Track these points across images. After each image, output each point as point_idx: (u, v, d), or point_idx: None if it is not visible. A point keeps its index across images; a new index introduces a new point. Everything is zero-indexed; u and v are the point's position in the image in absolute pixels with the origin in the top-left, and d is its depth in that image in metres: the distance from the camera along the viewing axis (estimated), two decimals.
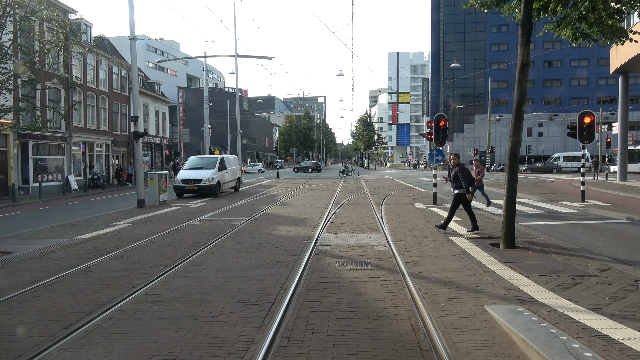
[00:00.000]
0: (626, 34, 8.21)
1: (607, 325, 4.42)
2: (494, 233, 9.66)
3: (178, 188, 19.86)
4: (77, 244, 9.20)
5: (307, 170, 57.37)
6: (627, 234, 10.30)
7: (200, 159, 22.43)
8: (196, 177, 19.62)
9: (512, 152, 8.10)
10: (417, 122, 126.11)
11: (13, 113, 13.49)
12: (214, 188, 19.70)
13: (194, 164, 21.36)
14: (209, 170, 20.27)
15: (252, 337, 4.32)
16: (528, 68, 7.99)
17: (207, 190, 19.54)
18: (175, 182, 20.39)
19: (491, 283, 5.99)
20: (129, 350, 4.08)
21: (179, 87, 74.18)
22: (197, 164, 21.32)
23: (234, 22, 35.30)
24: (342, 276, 6.46)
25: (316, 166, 60.83)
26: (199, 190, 19.54)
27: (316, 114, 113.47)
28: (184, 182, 19.74)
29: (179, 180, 20.05)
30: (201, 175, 19.77)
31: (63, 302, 5.47)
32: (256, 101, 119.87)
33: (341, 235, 9.76)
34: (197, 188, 19.46)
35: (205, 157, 22.81)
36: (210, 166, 20.70)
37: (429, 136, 16.27)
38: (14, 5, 11.62)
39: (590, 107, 35.89)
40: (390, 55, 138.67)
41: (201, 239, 9.57)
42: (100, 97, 33.79)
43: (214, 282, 6.22)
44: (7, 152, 24.12)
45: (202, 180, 19.51)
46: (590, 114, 15.54)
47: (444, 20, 75.22)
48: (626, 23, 20.12)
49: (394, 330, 4.48)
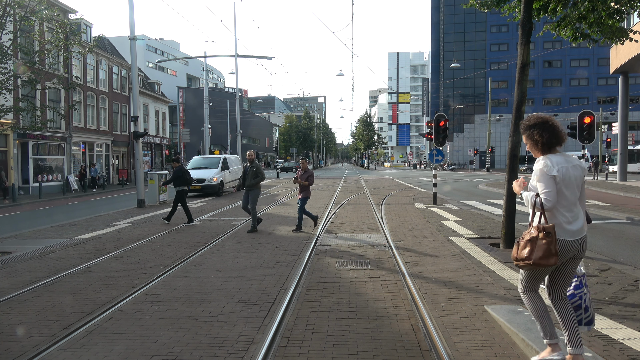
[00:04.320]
0: (626, 33, 8.20)
1: (607, 325, 4.42)
2: (494, 233, 9.66)
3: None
4: (77, 244, 9.20)
5: (290, 170, 56.44)
6: (627, 234, 10.30)
7: (203, 159, 22.78)
8: (199, 176, 19.80)
9: (512, 152, 8.10)
10: (417, 122, 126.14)
11: (13, 113, 13.49)
12: (217, 187, 20.07)
13: (197, 164, 21.67)
14: (212, 170, 20.68)
15: (252, 337, 4.32)
16: (528, 68, 7.99)
17: (210, 189, 19.87)
18: None
19: (491, 283, 5.99)
20: (129, 350, 4.08)
21: (179, 87, 74.20)
22: (200, 163, 21.68)
23: (234, 22, 35.30)
24: (342, 276, 6.46)
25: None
26: (202, 190, 19.78)
27: (316, 114, 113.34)
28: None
29: None
30: (204, 175, 20.06)
31: (63, 302, 5.47)
32: (256, 101, 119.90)
33: (341, 235, 9.76)
34: (200, 187, 19.70)
35: (208, 157, 23.19)
36: (213, 166, 21.12)
37: (429, 136, 16.28)
38: (14, 5, 11.62)
39: (590, 107, 35.94)
40: (390, 55, 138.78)
41: (201, 239, 9.57)
42: (100, 97, 33.79)
43: (214, 282, 6.22)
44: (7, 152, 24.13)
45: (205, 179, 19.81)
46: (590, 114, 15.50)
47: (444, 20, 75.23)
48: (626, 23, 20.11)
49: (394, 330, 4.48)
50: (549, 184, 3.29)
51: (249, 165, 10.78)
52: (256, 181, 10.59)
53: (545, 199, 3.27)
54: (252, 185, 10.57)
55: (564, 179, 3.31)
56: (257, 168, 10.68)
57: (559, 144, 3.46)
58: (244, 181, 10.76)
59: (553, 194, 3.27)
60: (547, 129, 3.42)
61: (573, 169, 3.36)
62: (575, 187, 3.35)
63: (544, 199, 3.28)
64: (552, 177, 3.29)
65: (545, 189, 3.29)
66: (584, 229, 3.38)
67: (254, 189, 10.62)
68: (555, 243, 3.23)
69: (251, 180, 10.55)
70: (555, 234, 3.24)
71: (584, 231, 3.38)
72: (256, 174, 10.59)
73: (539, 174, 3.37)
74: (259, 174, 10.61)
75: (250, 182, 10.57)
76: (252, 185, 10.57)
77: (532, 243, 3.28)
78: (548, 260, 3.21)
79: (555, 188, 3.29)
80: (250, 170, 10.64)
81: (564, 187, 3.31)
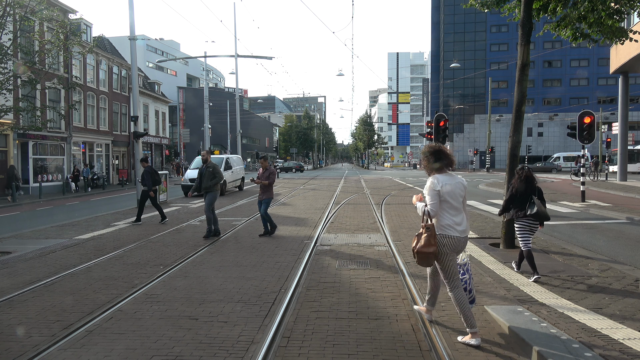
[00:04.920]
0: (626, 33, 8.21)
1: (607, 325, 4.42)
2: (494, 233, 9.65)
3: (186, 187, 20.73)
4: (77, 244, 9.20)
5: (290, 170, 59.08)
6: (627, 234, 10.30)
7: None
8: None
9: (512, 152, 8.10)
10: (417, 122, 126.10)
11: (13, 113, 13.50)
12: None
13: (200, 164, 21.71)
14: None
15: (252, 337, 4.32)
16: (528, 68, 7.99)
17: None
18: (183, 181, 21.43)
19: (491, 283, 5.99)
20: (129, 350, 4.08)
21: (179, 87, 74.19)
22: None
23: (234, 22, 35.26)
24: (342, 276, 6.46)
25: (299, 167, 62.73)
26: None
27: (316, 114, 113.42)
28: (192, 181, 20.64)
29: (186, 179, 21.00)
30: None
31: (63, 302, 5.47)
32: (256, 101, 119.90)
33: (341, 235, 9.76)
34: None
35: (212, 158, 23.29)
36: None
37: (429, 136, 16.28)
38: (14, 5, 11.62)
39: (590, 107, 35.90)
40: (390, 55, 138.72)
41: (201, 239, 9.56)
42: (100, 97, 33.78)
43: (214, 282, 6.22)
44: (7, 152, 24.12)
45: None
46: (590, 114, 15.54)
47: (444, 20, 75.18)
48: (626, 23, 20.11)
49: (394, 330, 4.48)
50: (434, 198, 4.17)
51: (204, 166, 10.07)
52: (213, 183, 9.94)
53: (430, 209, 4.19)
54: (209, 187, 9.93)
55: (448, 192, 4.17)
56: (214, 168, 10.02)
57: (448, 167, 4.28)
58: (200, 184, 10.04)
59: (436, 206, 4.18)
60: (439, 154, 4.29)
61: (456, 185, 4.24)
62: (459, 197, 4.23)
63: (430, 209, 4.19)
64: (437, 191, 4.16)
65: (431, 202, 4.18)
66: (468, 230, 4.35)
67: (211, 192, 9.97)
68: (435, 237, 4.14)
69: (208, 182, 9.91)
70: (434, 230, 4.17)
71: (467, 231, 4.35)
72: (213, 174, 9.93)
73: (428, 189, 4.23)
74: (216, 175, 9.94)
75: (207, 184, 9.92)
76: (209, 187, 9.93)
77: (418, 237, 4.26)
78: (428, 248, 4.13)
79: (438, 200, 4.18)
80: (207, 172, 9.96)
81: (450, 198, 4.18)
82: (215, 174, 9.92)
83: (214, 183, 9.95)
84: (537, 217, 6.14)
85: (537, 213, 6.07)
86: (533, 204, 6.09)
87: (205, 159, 10.17)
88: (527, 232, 6.27)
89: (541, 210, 6.07)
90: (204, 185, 9.96)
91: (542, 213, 6.08)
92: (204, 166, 10.12)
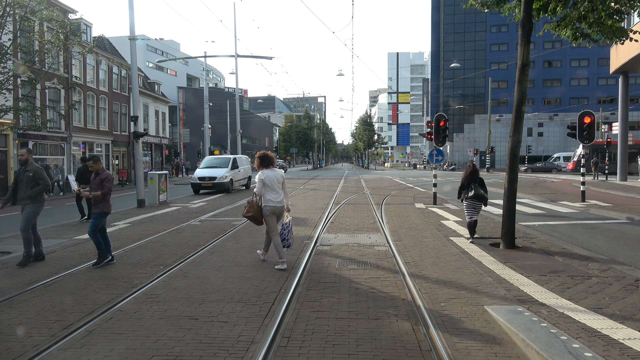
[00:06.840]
0: (626, 33, 8.21)
1: (607, 325, 4.42)
2: (494, 233, 9.65)
3: (195, 185, 21.76)
4: (77, 244, 9.20)
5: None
6: (627, 234, 10.30)
7: (215, 158, 24.76)
8: (211, 175, 21.61)
9: (512, 152, 8.10)
10: (417, 122, 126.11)
11: (13, 113, 13.47)
12: (227, 185, 21.60)
13: (209, 163, 23.45)
14: (223, 169, 22.33)
15: (252, 337, 4.32)
16: (528, 68, 7.99)
17: (221, 187, 21.47)
18: (193, 179, 22.47)
19: (491, 283, 5.99)
20: (129, 350, 4.08)
21: (179, 87, 74.11)
22: (212, 163, 23.50)
23: (234, 22, 35.30)
24: (342, 276, 6.46)
25: (280, 167, 62.86)
26: (214, 187, 21.49)
27: (316, 114, 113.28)
28: (200, 179, 21.78)
29: (195, 178, 21.97)
30: (216, 173, 21.74)
31: (63, 302, 5.47)
32: (256, 101, 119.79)
33: (341, 235, 9.76)
34: (212, 185, 21.45)
35: (220, 157, 25.21)
36: (224, 165, 22.80)
37: (429, 136, 16.27)
38: (14, 5, 11.60)
39: (590, 107, 35.90)
40: (390, 55, 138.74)
41: (201, 239, 9.57)
42: (100, 97, 33.78)
43: (214, 282, 6.22)
44: (7, 152, 24.12)
45: (216, 177, 21.46)
46: (590, 114, 15.54)
47: (444, 20, 75.18)
48: (626, 23, 20.12)
49: (394, 330, 4.48)
50: (259, 184, 7.00)
51: (22, 169, 7.46)
52: (35, 192, 7.33)
53: (256, 190, 7.02)
54: (29, 197, 7.30)
55: (269, 180, 6.97)
56: (35, 172, 7.37)
57: (271, 165, 7.15)
58: (14, 193, 7.40)
59: (259, 188, 6.99)
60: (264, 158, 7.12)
61: (274, 175, 7.06)
62: (277, 183, 7.06)
63: (256, 190, 7.04)
64: (261, 180, 6.97)
65: (258, 186, 7.01)
66: (283, 201, 7.13)
67: (33, 203, 7.38)
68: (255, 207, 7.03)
69: (27, 190, 7.27)
70: (254, 202, 7.04)
71: (283, 202, 7.13)
72: (34, 180, 7.32)
73: (257, 179, 7.03)
74: (39, 181, 7.35)
75: (25, 193, 7.27)
76: (29, 197, 7.30)
77: (246, 207, 7.14)
78: (247, 213, 7.05)
79: (262, 185, 6.98)
80: (25, 177, 7.31)
81: (269, 183, 6.98)
82: (37, 180, 7.37)
83: (36, 192, 7.40)
84: (476, 197, 8.53)
85: (475, 195, 8.49)
86: (472, 189, 8.51)
87: (25, 160, 7.52)
88: (472, 208, 8.69)
89: (478, 192, 8.48)
90: (21, 196, 7.33)
91: (479, 194, 8.49)
92: (21, 169, 7.52)
